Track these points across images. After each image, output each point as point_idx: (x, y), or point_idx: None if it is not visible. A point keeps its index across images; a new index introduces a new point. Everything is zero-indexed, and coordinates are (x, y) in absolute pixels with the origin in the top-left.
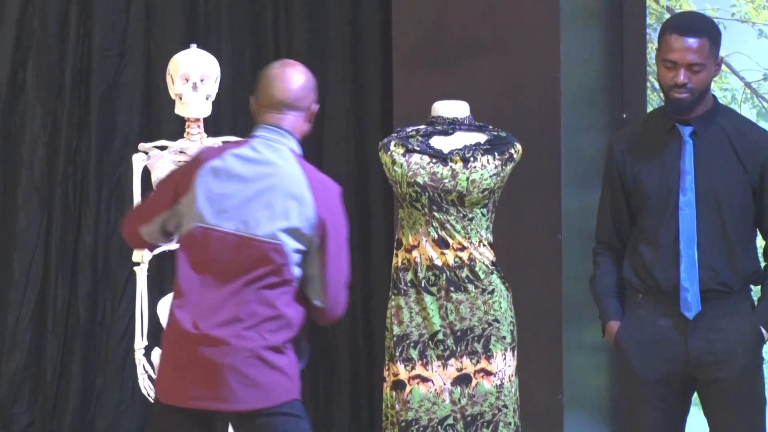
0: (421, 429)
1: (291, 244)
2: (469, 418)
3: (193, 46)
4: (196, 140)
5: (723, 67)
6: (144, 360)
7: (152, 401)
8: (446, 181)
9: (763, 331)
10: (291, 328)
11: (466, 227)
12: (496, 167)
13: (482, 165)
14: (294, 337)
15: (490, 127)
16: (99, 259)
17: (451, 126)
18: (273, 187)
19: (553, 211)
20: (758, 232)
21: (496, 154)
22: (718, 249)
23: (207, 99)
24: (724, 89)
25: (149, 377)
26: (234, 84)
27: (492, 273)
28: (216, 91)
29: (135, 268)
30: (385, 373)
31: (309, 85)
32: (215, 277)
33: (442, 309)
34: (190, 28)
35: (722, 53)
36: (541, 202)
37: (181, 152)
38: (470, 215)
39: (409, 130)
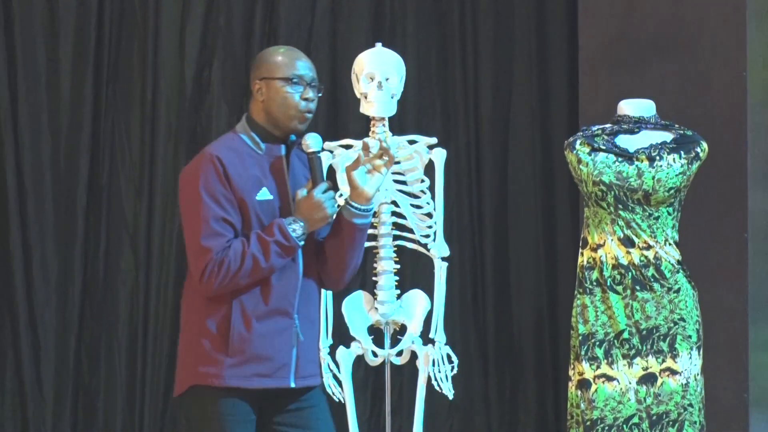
0: (607, 428)
1: None
2: (654, 417)
3: (379, 44)
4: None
5: None
6: (329, 359)
7: (337, 400)
8: (632, 179)
9: None
10: None
11: (651, 226)
12: (682, 166)
13: (668, 164)
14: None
15: (676, 125)
16: None
17: (636, 125)
18: None
19: (739, 210)
20: None
21: (682, 152)
22: None
23: (392, 98)
24: None
25: (334, 376)
26: (419, 83)
27: (678, 272)
28: (401, 90)
29: None
30: (570, 372)
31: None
32: None
33: (628, 308)
34: (375, 27)
35: None
36: (727, 200)
37: None
38: (656, 214)
39: (594, 128)
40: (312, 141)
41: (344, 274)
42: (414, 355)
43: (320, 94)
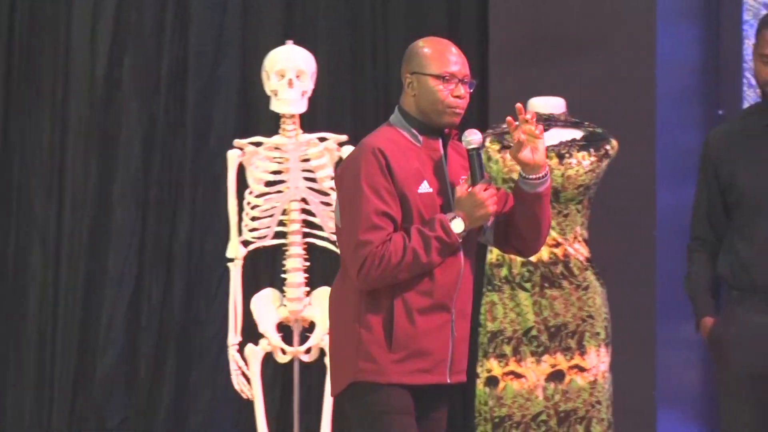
0: (515, 425)
1: None
2: (562, 414)
3: (289, 42)
4: (291, 136)
5: None
6: (237, 356)
7: (245, 397)
8: None
9: None
10: None
11: (561, 223)
12: (591, 163)
13: (578, 161)
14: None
15: (586, 123)
16: (194, 255)
17: (546, 122)
18: None
19: (648, 208)
20: None
21: (592, 150)
22: None
23: (303, 95)
24: None
25: (242, 373)
26: (330, 80)
27: (587, 269)
28: (312, 87)
29: (229, 265)
30: (479, 369)
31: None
32: None
33: (536, 305)
34: (286, 24)
35: None
36: (636, 198)
37: (276, 149)
38: (565, 211)
39: (504, 126)
40: (473, 137)
41: (541, 239)
42: (323, 352)
43: (472, 90)
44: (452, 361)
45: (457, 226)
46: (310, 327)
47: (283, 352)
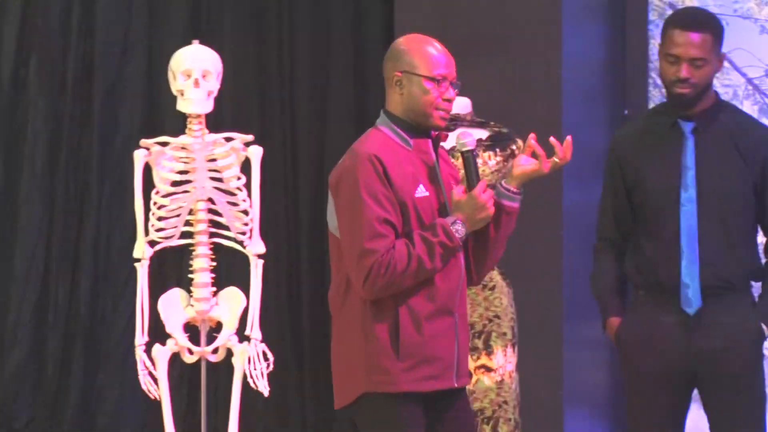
0: None
1: None
2: None
3: (196, 42)
4: (197, 136)
5: (725, 63)
6: (144, 356)
7: (152, 397)
8: None
9: (764, 327)
10: None
11: None
12: (497, 163)
13: (484, 161)
14: None
15: (492, 123)
16: (100, 255)
17: (452, 122)
18: None
19: (554, 207)
20: (759, 229)
21: (498, 150)
22: (719, 245)
23: (209, 95)
24: (726, 86)
25: (149, 373)
26: (236, 80)
27: (493, 269)
28: (218, 87)
29: (136, 264)
30: None
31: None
32: None
33: None
34: (192, 24)
35: (724, 49)
36: (542, 198)
37: (182, 148)
38: None
39: None
40: (467, 140)
41: (495, 263)
42: (230, 353)
43: (458, 92)
44: (458, 365)
45: (459, 230)
46: (217, 327)
47: (190, 352)
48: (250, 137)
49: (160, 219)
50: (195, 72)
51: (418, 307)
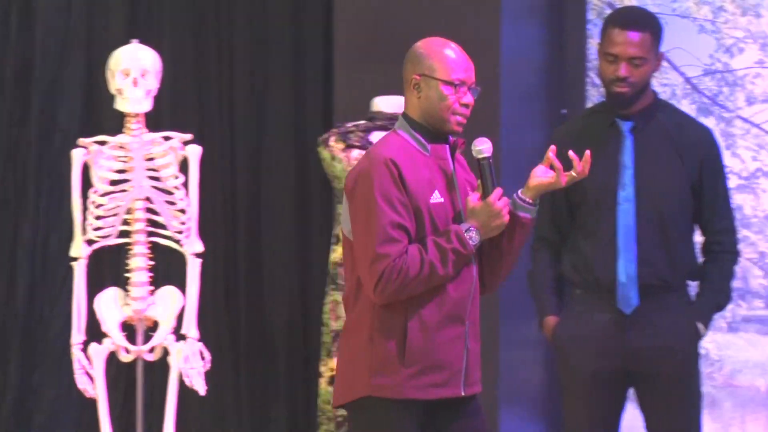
0: None
1: None
2: None
3: (134, 41)
4: (136, 135)
5: (663, 62)
6: (81, 355)
7: (89, 396)
8: None
9: (700, 326)
10: None
11: None
12: None
13: None
14: None
15: None
16: (38, 254)
17: (391, 121)
18: None
19: None
20: (696, 228)
21: None
22: (656, 244)
23: (147, 94)
24: (664, 85)
25: (86, 372)
26: (175, 79)
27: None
28: (157, 86)
29: (73, 264)
30: (322, 368)
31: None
32: None
33: None
34: (131, 23)
35: (663, 48)
36: None
37: (120, 147)
38: None
39: (349, 125)
40: (483, 146)
41: (509, 273)
42: (166, 351)
43: (476, 97)
44: (466, 373)
45: (473, 237)
46: (154, 326)
47: (127, 351)
48: (188, 136)
49: (97, 218)
50: (134, 71)
51: (427, 314)
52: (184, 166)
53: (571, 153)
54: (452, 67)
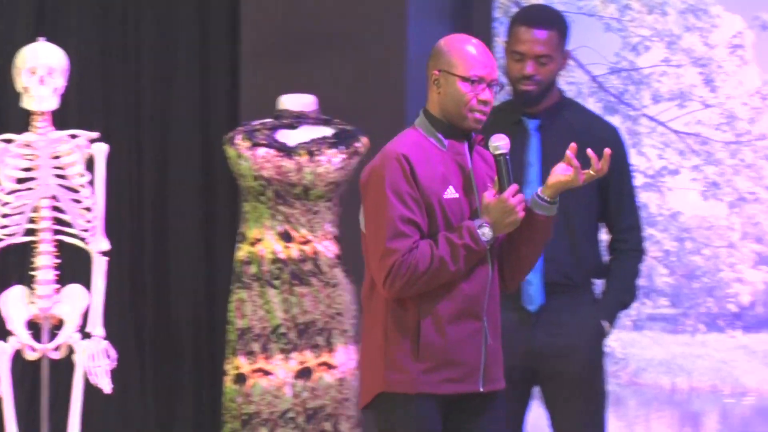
0: (263, 422)
1: None
2: (310, 412)
3: (41, 39)
4: (42, 133)
5: (570, 60)
6: None
7: None
8: (291, 174)
9: (605, 324)
10: None
11: (311, 221)
12: (342, 161)
13: (328, 159)
14: None
15: (337, 120)
16: None
17: (297, 119)
18: None
19: None
20: (602, 226)
21: (343, 147)
22: (562, 242)
23: (54, 92)
24: (571, 83)
25: None
26: (81, 77)
27: (336, 266)
28: (63, 84)
29: None
30: (228, 367)
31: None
32: None
33: (286, 302)
34: (38, 22)
35: (569, 47)
36: None
37: (27, 146)
38: (315, 209)
39: (255, 123)
40: (500, 143)
41: (519, 275)
42: (72, 350)
43: (497, 93)
44: (486, 369)
45: (485, 233)
46: (60, 324)
47: (32, 349)
48: (95, 134)
49: (3, 216)
50: (40, 69)
51: (441, 310)
52: (90, 165)
53: (589, 151)
54: (471, 64)
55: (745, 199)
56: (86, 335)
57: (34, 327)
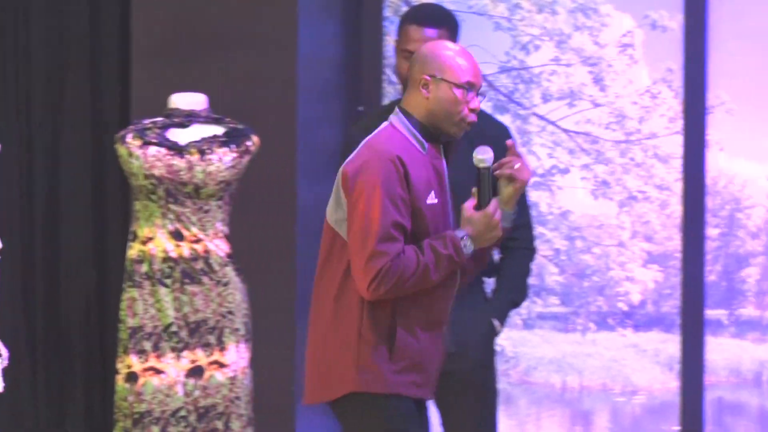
0: (154, 421)
1: None
2: (202, 410)
3: None
4: None
5: None
6: None
7: None
8: (182, 173)
9: (496, 323)
10: None
11: (201, 219)
12: (232, 159)
13: (219, 157)
14: None
15: (228, 119)
16: None
17: (188, 118)
18: None
19: (289, 204)
20: None
21: (233, 146)
22: None
23: None
24: None
25: None
26: None
27: (227, 265)
28: None
29: None
30: (119, 365)
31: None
32: None
33: (177, 301)
34: None
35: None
36: (277, 194)
37: None
38: (206, 207)
39: (146, 122)
40: (485, 156)
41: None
42: None
43: (482, 102)
44: (435, 378)
45: (467, 245)
46: None
47: None
48: None
49: None
50: None
51: (414, 315)
52: None
53: (509, 142)
54: (464, 71)
55: (635, 197)
56: None
57: None
